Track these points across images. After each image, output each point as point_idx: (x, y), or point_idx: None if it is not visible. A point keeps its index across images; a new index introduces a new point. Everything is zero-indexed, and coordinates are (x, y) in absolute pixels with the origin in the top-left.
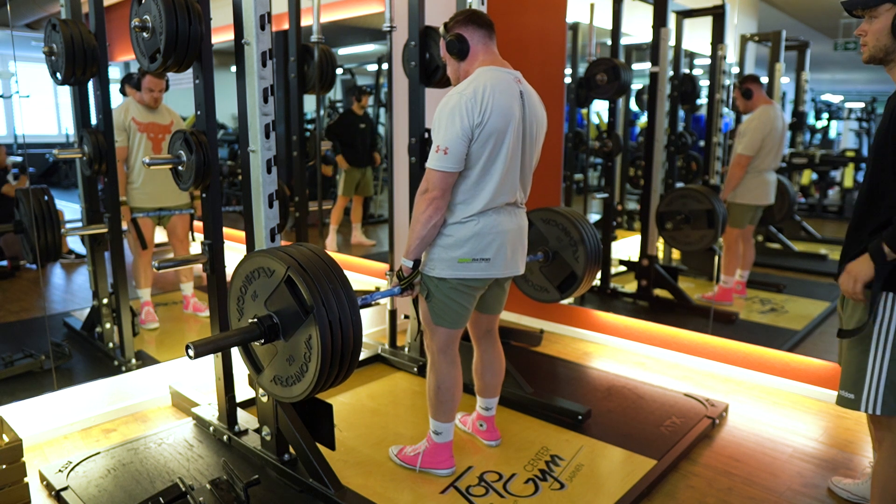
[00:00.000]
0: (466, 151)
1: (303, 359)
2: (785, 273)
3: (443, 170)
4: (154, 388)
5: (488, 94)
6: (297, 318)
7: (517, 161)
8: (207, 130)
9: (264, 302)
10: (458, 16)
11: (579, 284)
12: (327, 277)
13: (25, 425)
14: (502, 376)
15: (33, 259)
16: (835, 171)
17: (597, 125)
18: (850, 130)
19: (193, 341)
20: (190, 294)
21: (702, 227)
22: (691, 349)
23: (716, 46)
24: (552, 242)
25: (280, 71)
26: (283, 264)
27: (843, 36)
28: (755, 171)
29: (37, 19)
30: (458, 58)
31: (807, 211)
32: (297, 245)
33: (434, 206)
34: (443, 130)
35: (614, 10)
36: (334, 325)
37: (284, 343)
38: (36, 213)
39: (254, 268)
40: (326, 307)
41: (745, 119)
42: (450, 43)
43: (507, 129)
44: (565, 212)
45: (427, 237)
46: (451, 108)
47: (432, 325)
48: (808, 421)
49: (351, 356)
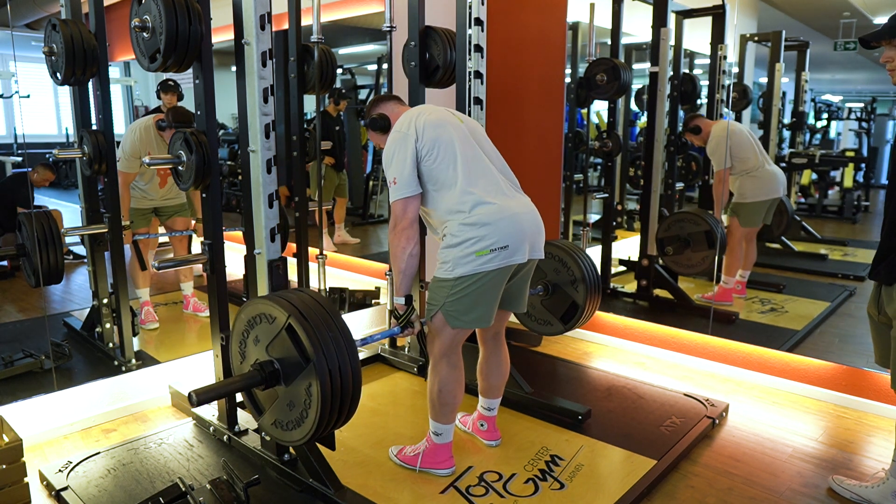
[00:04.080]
0: (417, 172)
1: (303, 405)
2: (785, 273)
3: (400, 197)
4: (154, 388)
5: (415, 115)
6: (297, 365)
7: (477, 153)
8: (207, 130)
9: (266, 347)
10: (371, 104)
11: (582, 314)
12: (327, 326)
13: (25, 425)
14: (506, 378)
15: (36, 283)
16: (835, 171)
17: (597, 125)
18: (849, 130)
19: (195, 390)
20: (190, 294)
21: (702, 248)
22: (691, 349)
23: (716, 46)
24: (550, 275)
25: (280, 71)
26: (285, 312)
27: (843, 36)
28: (748, 173)
29: (37, 19)
30: (383, 131)
31: (807, 211)
32: (298, 291)
33: (405, 237)
34: (390, 165)
35: (614, 10)
36: (334, 374)
37: (285, 388)
38: (38, 237)
39: (256, 313)
40: (326, 356)
41: (708, 145)
42: (373, 121)
43: (447, 131)
44: (561, 244)
45: (408, 269)
46: (390, 144)
47: (443, 327)
48: (808, 421)
49: (350, 402)
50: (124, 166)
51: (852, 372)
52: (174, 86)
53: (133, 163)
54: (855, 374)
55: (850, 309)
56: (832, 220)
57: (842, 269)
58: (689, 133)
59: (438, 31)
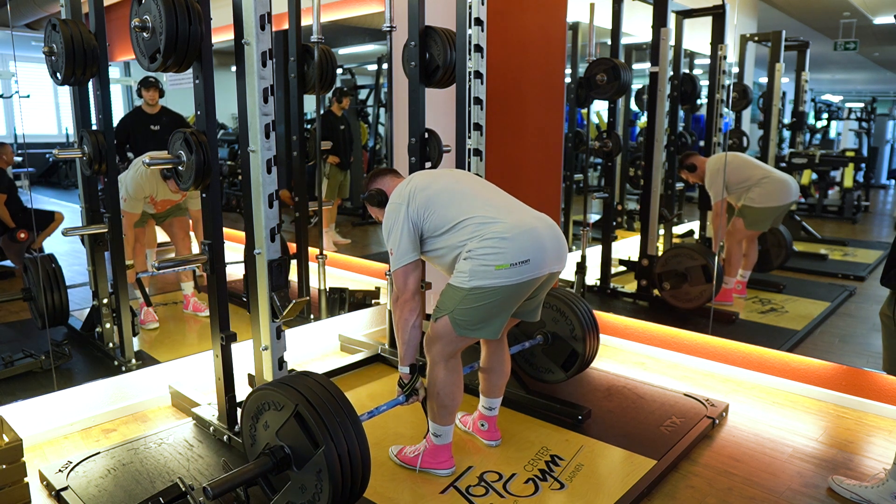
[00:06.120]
0: (416, 238)
1: (314, 489)
2: (785, 273)
3: (400, 266)
4: (154, 388)
5: (405, 184)
6: (307, 451)
7: (476, 187)
8: (207, 130)
9: (276, 432)
10: (369, 179)
11: (582, 361)
12: (335, 411)
13: (25, 425)
14: (507, 377)
15: (42, 325)
16: (835, 171)
17: (597, 125)
18: (849, 130)
19: (210, 483)
20: (190, 294)
21: (700, 282)
22: (691, 349)
23: (716, 46)
24: (549, 325)
25: (280, 71)
26: (293, 402)
27: (843, 36)
28: (754, 186)
29: (37, 19)
30: (380, 206)
31: (807, 211)
32: (304, 376)
33: (408, 309)
34: (389, 237)
35: (614, 10)
36: (343, 458)
37: (296, 473)
38: (44, 283)
39: (264, 401)
40: (335, 442)
41: (706, 181)
42: (370, 197)
43: (438, 182)
44: (558, 293)
45: (412, 340)
46: (386, 216)
47: (447, 333)
48: (808, 421)
49: (361, 482)
50: (129, 207)
51: (852, 372)
52: (155, 82)
53: (137, 204)
54: (855, 374)
55: (850, 309)
56: (832, 220)
57: (842, 269)
58: (684, 171)
59: (438, 31)
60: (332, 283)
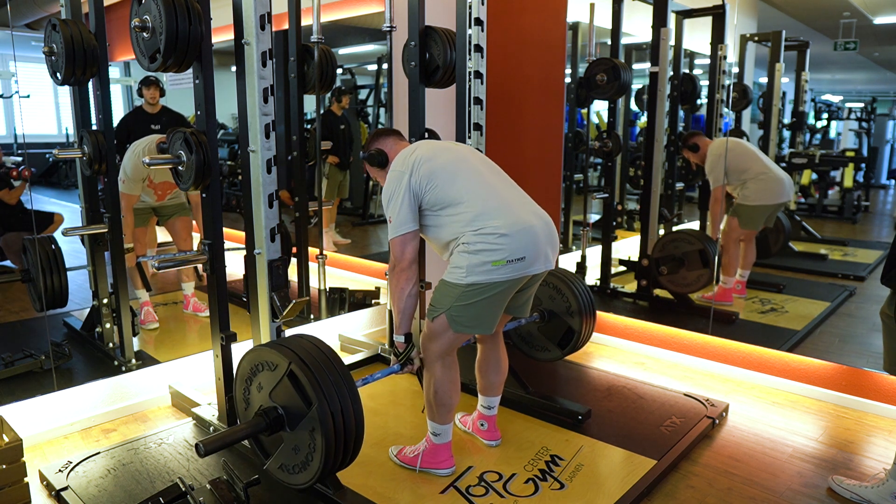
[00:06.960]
0: (415, 209)
1: (307, 449)
2: (785, 273)
3: (398, 235)
4: (154, 388)
5: (409, 152)
6: (300, 410)
7: (479, 168)
8: (207, 130)
9: (269, 394)
10: (371, 138)
11: (578, 338)
12: (328, 370)
13: (25, 425)
14: (505, 375)
15: (41, 307)
16: (835, 171)
17: (597, 125)
18: (849, 130)
19: (202, 440)
20: (190, 294)
21: (697, 267)
22: (691, 349)
23: (716, 46)
24: (546, 302)
25: (280, 71)
26: (286, 359)
27: (843, 36)
28: (750, 180)
29: (37, 19)
30: (381, 167)
31: (807, 211)
32: (298, 337)
33: (405, 277)
34: (388, 204)
35: (614, 10)
36: (336, 418)
37: (289, 433)
38: (42, 263)
39: (258, 361)
40: (328, 400)
41: (706, 164)
42: (370, 157)
43: (443, 157)
44: (555, 272)
45: (408, 309)
46: (387, 183)
47: (444, 331)
48: (808, 421)
49: (354, 444)
50: (127, 188)
51: (852, 372)
52: (156, 80)
53: (136, 185)
54: (855, 374)
55: (850, 309)
56: (832, 220)
57: (842, 269)
58: (686, 150)
59: (438, 31)
60: (332, 283)
